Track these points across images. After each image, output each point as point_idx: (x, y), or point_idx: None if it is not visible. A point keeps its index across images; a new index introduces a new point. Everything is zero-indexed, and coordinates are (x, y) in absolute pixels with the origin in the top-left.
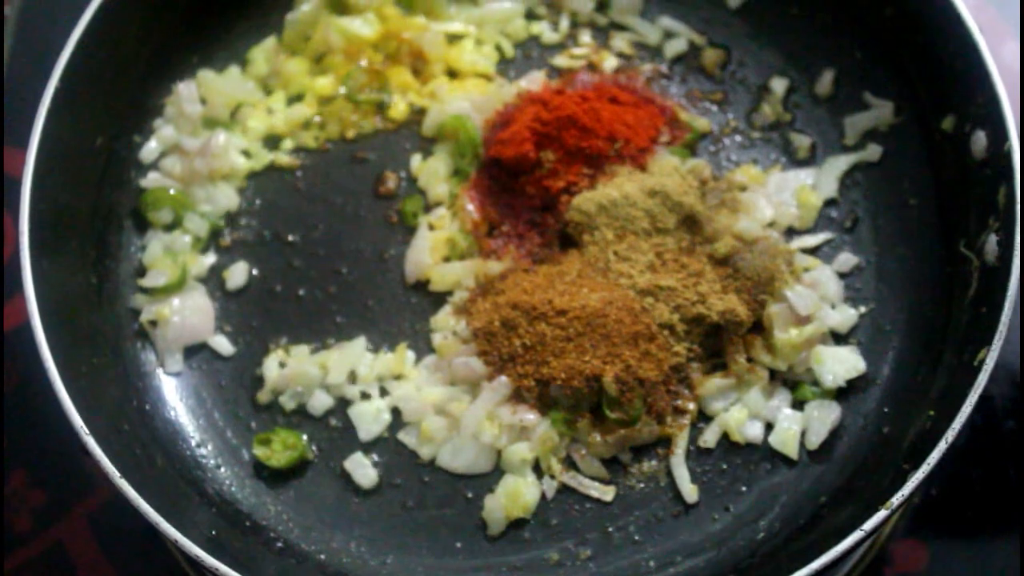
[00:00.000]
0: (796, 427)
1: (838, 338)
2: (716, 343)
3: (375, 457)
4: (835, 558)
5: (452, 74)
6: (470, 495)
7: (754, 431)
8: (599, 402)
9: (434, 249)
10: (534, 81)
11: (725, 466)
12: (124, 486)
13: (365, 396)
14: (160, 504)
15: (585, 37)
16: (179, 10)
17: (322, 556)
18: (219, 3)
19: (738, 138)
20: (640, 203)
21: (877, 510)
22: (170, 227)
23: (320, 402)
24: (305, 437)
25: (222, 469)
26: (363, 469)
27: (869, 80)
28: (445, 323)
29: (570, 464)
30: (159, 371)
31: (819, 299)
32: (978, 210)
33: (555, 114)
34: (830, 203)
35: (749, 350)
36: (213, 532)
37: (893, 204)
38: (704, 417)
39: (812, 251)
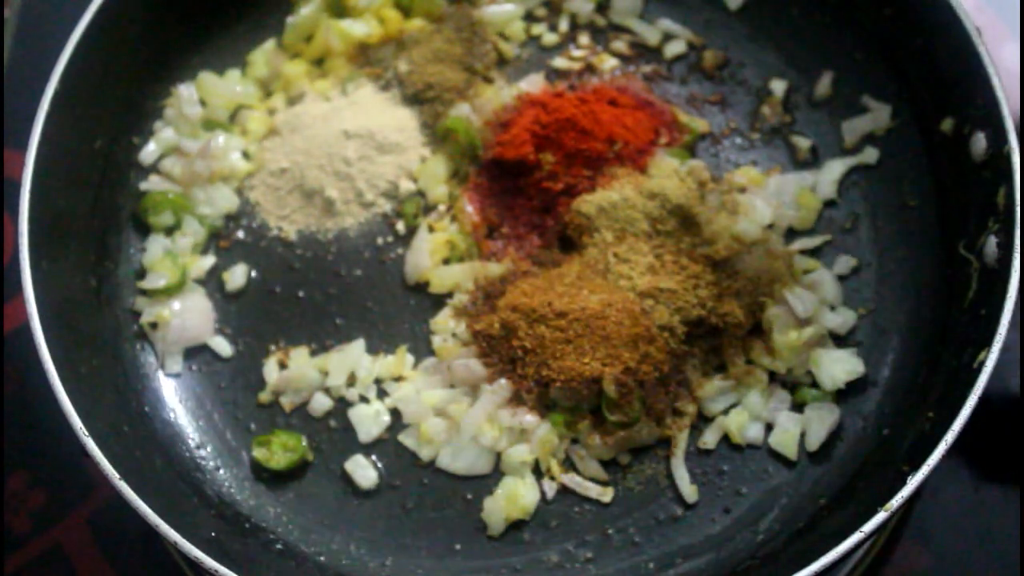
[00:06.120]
0: (796, 429)
1: (838, 340)
2: (715, 345)
3: (375, 459)
4: (835, 560)
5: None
6: (470, 496)
7: (754, 432)
8: (599, 404)
9: (434, 251)
10: (533, 83)
11: (725, 467)
12: (124, 488)
13: (364, 398)
14: (160, 506)
15: (584, 39)
16: (179, 12)
17: (322, 558)
18: (219, 5)
19: (738, 140)
20: (639, 205)
21: (877, 512)
22: (170, 229)
23: (320, 404)
24: (305, 439)
25: (222, 471)
26: (363, 470)
27: (868, 82)
28: (445, 325)
29: (570, 466)
30: (159, 373)
31: (818, 301)
32: (978, 212)
33: (554, 116)
34: (830, 205)
35: (748, 352)
36: (213, 534)
37: (893, 206)
38: (704, 419)
39: (811, 253)
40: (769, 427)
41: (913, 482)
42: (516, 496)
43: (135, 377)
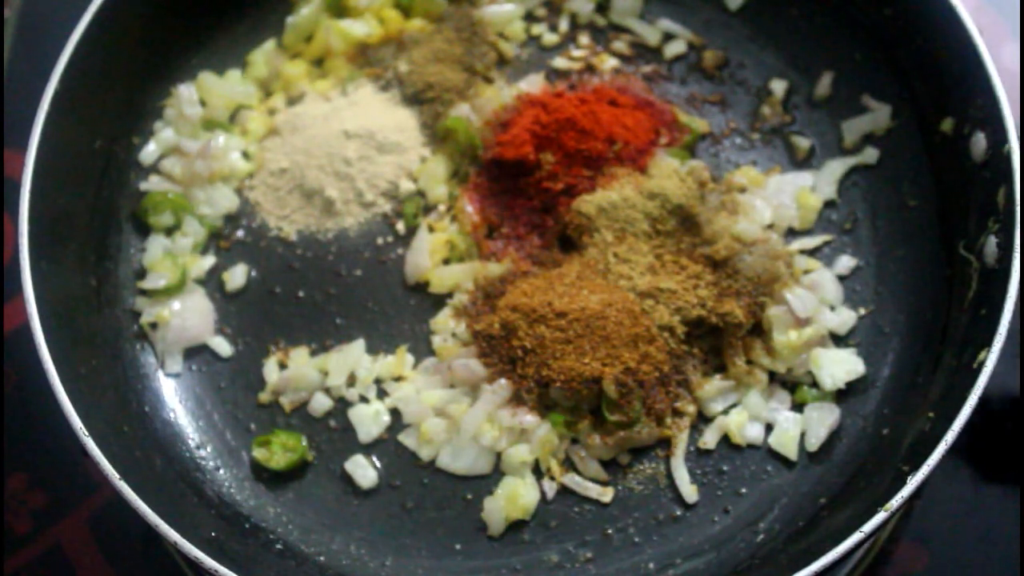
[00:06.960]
0: (795, 429)
1: (837, 340)
2: (715, 345)
3: (375, 459)
4: (834, 560)
5: None
6: (470, 496)
7: (754, 433)
8: (599, 404)
9: (434, 251)
10: (533, 83)
11: (725, 468)
12: (124, 488)
13: (364, 398)
14: (160, 506)
15: (584, 39)
16: (179, 12)
17: (322, 558)
18: (219, 6)
19: (738, 140)
20: (639, 205)
21: (876, 512)
22: (170, 229)
23: (320, 404)
24: (305, 439)
25: (221, 471)
26: (363, 470)
27: (868, 82)
28: (445, 325)
29: (570, 466)
30: (159, 373)
31: (818, 301)
32: (978, 212)
33: (554, 116)
34: (829, 205)
35: (748, 352)
36: (212, 534)
37: (893, 206)
38: (704, 419)
39: (811, 253)
40: (769, 427)
41: (913, 482)
42: (516, 496)
43: (135, 377)
